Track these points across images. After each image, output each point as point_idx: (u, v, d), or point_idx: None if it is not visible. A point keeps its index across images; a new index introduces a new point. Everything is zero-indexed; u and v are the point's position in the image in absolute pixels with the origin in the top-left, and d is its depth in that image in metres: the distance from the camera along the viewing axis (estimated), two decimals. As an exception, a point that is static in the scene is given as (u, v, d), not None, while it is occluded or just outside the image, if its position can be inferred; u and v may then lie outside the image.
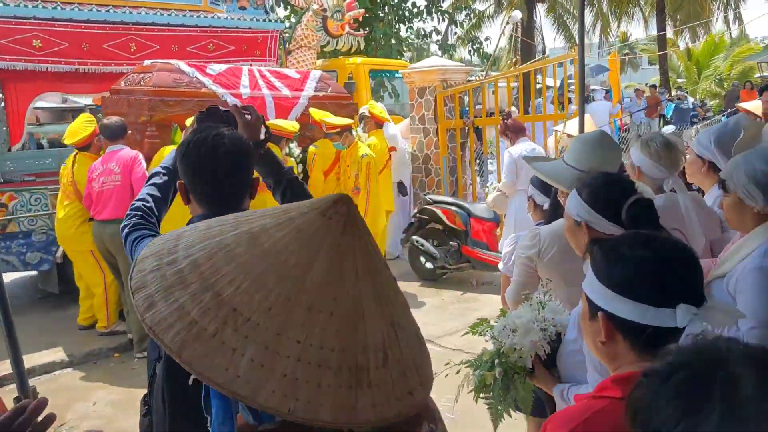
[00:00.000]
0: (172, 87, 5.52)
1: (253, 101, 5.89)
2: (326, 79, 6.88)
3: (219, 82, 5.85)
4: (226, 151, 1.85)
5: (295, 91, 6.36)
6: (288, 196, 2.21)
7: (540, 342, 2.22)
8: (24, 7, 6.33)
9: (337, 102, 6.68)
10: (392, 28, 14.09)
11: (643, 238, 1.36)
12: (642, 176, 3.02)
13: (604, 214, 2.01)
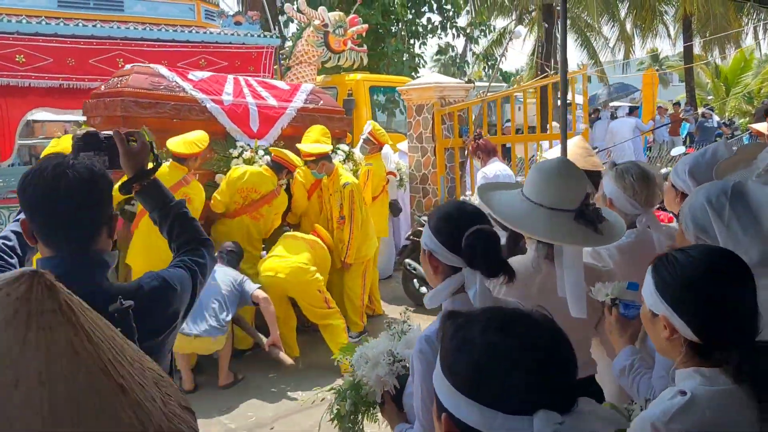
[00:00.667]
0: (148, 89, 5.30)
1: (236, 108, 5.68)
2: (318, 92, 6.59)
3: (199, 88, 5.60)
4: (69, 184, 1.60)
5: (283, 101, 6.08)
6: (175, 233, 1.95)
7: (385, 377, 2.06)
8: (7, 22, 6.24)
9: (328, 115, 6.37)
10: (405, 44, 13.88)
11: (500, 319, 1.02)
12: (613, 208, 2.70)
13: (445, 243, 1.86)
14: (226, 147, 5.62)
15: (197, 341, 4.81)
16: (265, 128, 5.84)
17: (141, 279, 1.74)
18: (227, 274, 5.04)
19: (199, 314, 4.79)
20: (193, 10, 7.71)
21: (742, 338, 1.37)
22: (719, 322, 1.40)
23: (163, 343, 1.73)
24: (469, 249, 1.80)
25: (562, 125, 3.96)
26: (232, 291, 4.97)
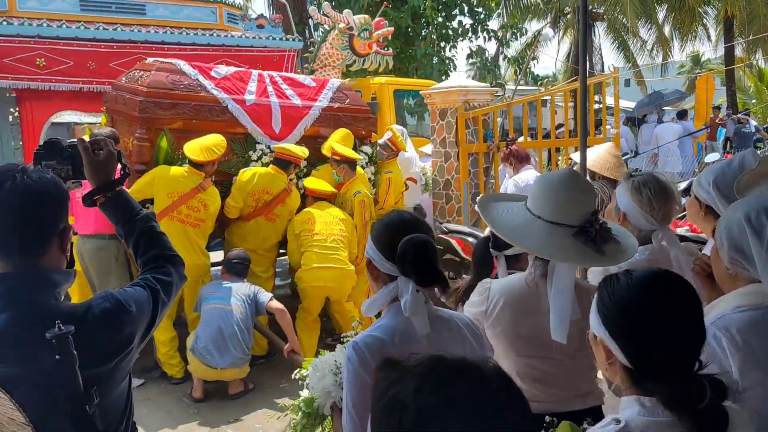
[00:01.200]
0: (168, 89, 5.14)
1: (258, 109, 5.50)
2: (345, 89, 6.35)
3: (222, 87, 5.41)
4: (12, 192, 1.50)
5: (308, 100, 5.86)
6: (141, 247, 1.83)
7: (331, 388, 2.02)
8: (28, 26, 6.26)
9: (353, 115, 6.15)
10: (435, 48, 13.69)
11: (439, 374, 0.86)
12: (626, 223, 2.50)
13: (382, 252, 1.87)
14: (246, 148, 5.49)
15: (224, 372, 4.80)
16: (287, 129, 5.65)
17: (92, 300, 1.61)
18: (238, 292, 4.93)
19: (223, 345, 4.75)
20: (215, 13, 7.66)
21: (674, 368, 1.29)
22: (650, 349, 1.31)
23: (115, 369, 1.59)
24: (402, 257, 1.79)
25: (582, 132, 3.75)
26: (247, 310, 4.89)
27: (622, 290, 1.36)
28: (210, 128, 5.23)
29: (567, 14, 22.00)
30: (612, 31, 22.52)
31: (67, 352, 1.39)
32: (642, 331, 1.32)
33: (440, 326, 1.92)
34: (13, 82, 6.26)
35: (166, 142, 5.06)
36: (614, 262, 2.08)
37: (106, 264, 4.91)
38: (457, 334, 1.95)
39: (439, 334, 1.89)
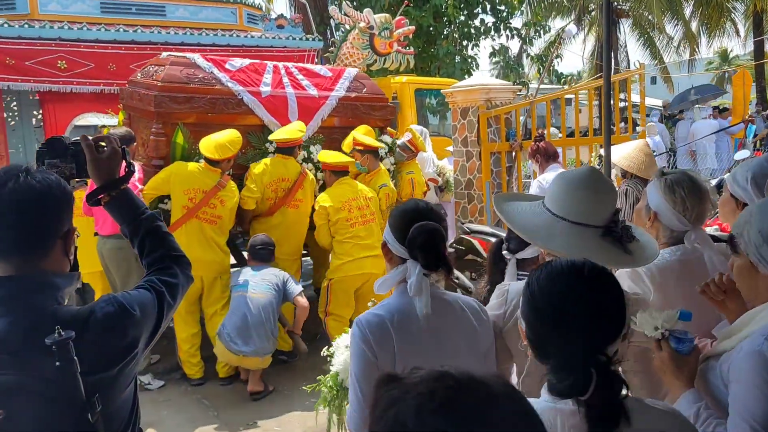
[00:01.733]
0: (183, 83, 5.11)
1: (274, 100, 5.44)
2: (362, 77, 6.27)
3: (237, 79, 5.34)
4: (12, 193, 1.47)
5: (324, 90, 5.79)
6: (147, 248, 1.78)
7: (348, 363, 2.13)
8: (49, 29, 6.29)
9: (371, 104, 6.07)
10: (457, 46, 13.58)
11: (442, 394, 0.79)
12: (657, 223, 2.39)
13: (396, 236, 2.01)
14: (263, 140, 5.44)
15: (246, 359, 4.81)
16: (304, 120, 5.58)
17: (95, 303, 1.56)
18: (266, 278, 4.93)
19: (247, 334, 4.75)
20: (235, 14, 7.65)
21: (560, 353, 1.31)
22: (540, 333, 1.37)
23: (119, 376, 1.54)
24: (411, 241, 1.94)
25: (606, 129, 3.64)
26: (274, 297, 4.89)
27: (534, 277, 1.40)
28: (226, 121, 5.21)
29: (591, 11, 21.72)
30: (637, 28, 22.19)
31: (67, 358, 1.35)
32: (538, 316, 1.36)
33: (442, 309, 2.02)
34: (35, 84, 6.30)
35: (182, 138, 5.03)
36: (644, 262, 2.00)
37: (126, 264, 4.89)
38: (458, 318, 2.05)
39: (440, 316, 2.00)
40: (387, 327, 1.94)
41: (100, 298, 1.59)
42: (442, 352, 1.99)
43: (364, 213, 5.20)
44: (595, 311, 1.31)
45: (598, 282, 1.35)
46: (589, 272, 1.36)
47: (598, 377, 1.22)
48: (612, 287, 1.35)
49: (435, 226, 1.97)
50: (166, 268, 1.75)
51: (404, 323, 1.96)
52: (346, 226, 5.15)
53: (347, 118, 5.88)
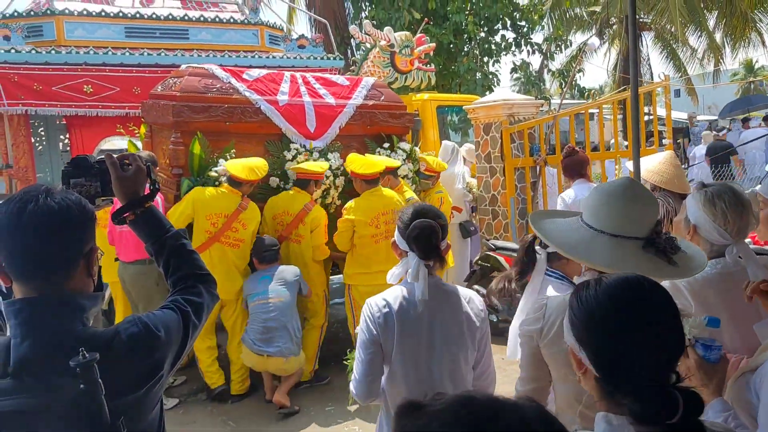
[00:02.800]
0: (201, 92, 5.15)
1: (291, 108, 5.46)
2: (380, 86, 6.28)
3: (254, 88, 5.38)
4: (33, 215, 1.44)
5: (342, 99, 5.80)
6: (172, 266, 1.76)
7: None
8: (75, 54, 6.39)
9: (389, 111, 6.05)
10: (478, 63, 13.56)
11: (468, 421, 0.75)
12: (696, 237, 2.32)
13: (401, 233, 2.40)
14: (281, 148, 5.46)
15: (270, 361, 4.84)
16: (322, 128, 5.60)
17: (120, 324, 1.54)
18: (280, 279, 4.95)
19: (269, 338, 4.83)
20: (256, 35, 7.72)
21: (642, 380, 1.21)
22: (617, 359, 1.25)
23: (144, 398, 1.51)
24: (409, 235, 2.35)
25: (634, 142, 3.56)
26: (293, 294, 4.97)
27: (590, 297, 1.31)
28: (244, 130, 5.26)
29: (612, 25, 21.62)
30: (660, 41, 22.02)
31: (91, 380, 1.32)
32: (608, 340, 1.26)
33: (440, 297, 2.40)
34: (62, 109, 6.38)
35: (199, 147, 5.05)
36: (690, 273, 1.93)
37: (148, 288, 4.91)
38: (454, 306, 2.41)
39: (438, 303, 2.38)
40: (390, 309, 2.37)
41: (125, 319, 1.57)
42: (436, 336, 2.37)
43: (389, 228, 5.13)
44: (664, 327, 1.24)
45: (659, 296, 1.28)
46: (649, 287, 1.30)
47: (682, 397, 1.17)
48: (671, 300, 1.29)
49: (429, 224, 2.34)
50: (191, 287, 1.73)
51: (405, 308, 2.37)
52: (370, 243, 5.11)
53: (365, 126, 5.89)
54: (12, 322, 1.44)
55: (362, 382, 2.38)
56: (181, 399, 5.23)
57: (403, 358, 2.37)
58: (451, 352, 2.38)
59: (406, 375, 2.38)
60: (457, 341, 2.38)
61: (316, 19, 13.97)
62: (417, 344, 2.37)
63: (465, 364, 2.41)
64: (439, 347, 2.37)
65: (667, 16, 18.27)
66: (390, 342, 2.35)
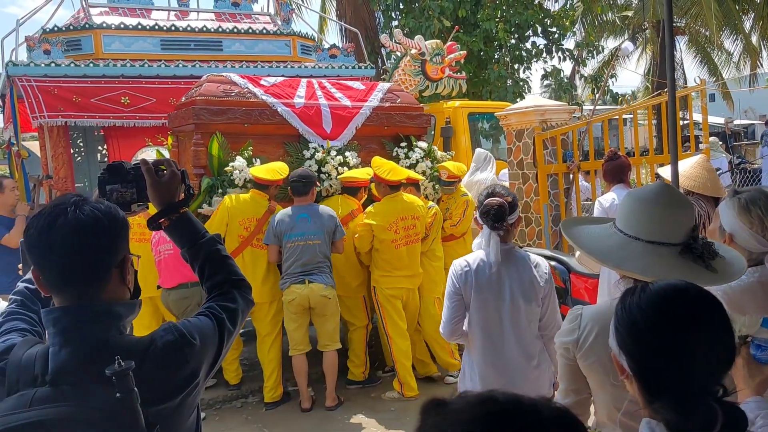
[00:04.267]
0: (219, 96, 5.38)
1: (308, 110, 5.66)
2: (396, 90, 6.45)
3: (271, 93, 5.62)
4: (65, 226, 1.44)
5: (358, 101, 5.98)
6: (207, 272, 1.76)
7: None
8: (113, 67, 6.52)
9: (405, 113, 6.19)
10: (508, 70, 13.49)
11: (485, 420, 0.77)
12: (733, 245, 2.27)
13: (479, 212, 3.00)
14: (299, 149, 5.64)
15: (312, 287, 4.94)
16: (338, 129, 5.78)
17: (156, 332, 1.53)
18: (318, 220, 5.04)
19: (308, 271, 4.96)
20: (289, 45, 7.80)
21: (681, 391, 1.19)
22: (657, 369, 1.23)
23: (181, 406, 1.51)
24: (482, 213, 2.96)
25: (672, 148, 3.51)
26: (326, 239, 5.06)
27: (633, 304, 1.29)
28: (262, 131, 5.48)
29: (645, 29, 21.36)
30: (694, 44, 21.68)
31: (127, 389, 1.31)
32: (649, 348, 1.24)
33: (511, 260, 3.01)
34: (100, 120, 6.51)
35: (217, 148, 5.22)
36: (730, 279, 1.89)
37: (192, 311, 4.99)
38: (522, 268, 3.00)
39: (508, 264, 2.99)
40: (470, 269, 3.02)
41: (161, 327, 1.57)
42: (505, 291, 2.99)
43: (409, 234, 5.22)
44: (713, 337, 1.20)
45: (708, 305, 1.25)
46: (695, 295, 1.26)
47: (723, 412, 1.13)
48: (721, 308, 1.25)
49: (498, 201, 2.94)
50: (225, 293, 1.72)
51: (481, 267, 3.00)
52: (390, 248, 5.19)
53: (382, 127, 6.04)
54: (50, 330, 1.45)
55: (447, 324, 3.08)
56: (217, 406, 5.29)
57: (478, 307, 3.03)
58: (517, 304, 3.00)
59: (480, 320, 3.04)
60: (523, 296, 2.99)
61: (347, 29, 14.05)
62: (490, 297, 3.01)
63: (528, 315, 3.02)
64: (508, 300, 3.00)
65: (701, 19, 17.99)
66: (469, 294, 3.02)
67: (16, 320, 1.66)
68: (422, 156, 6.05)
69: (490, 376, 3.04)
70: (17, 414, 1.32)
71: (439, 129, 8.64)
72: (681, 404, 1.17)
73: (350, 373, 5.49)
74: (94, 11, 7.42)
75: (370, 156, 5.73)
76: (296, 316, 5.03)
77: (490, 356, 3.05)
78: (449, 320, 3.07)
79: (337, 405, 5.12)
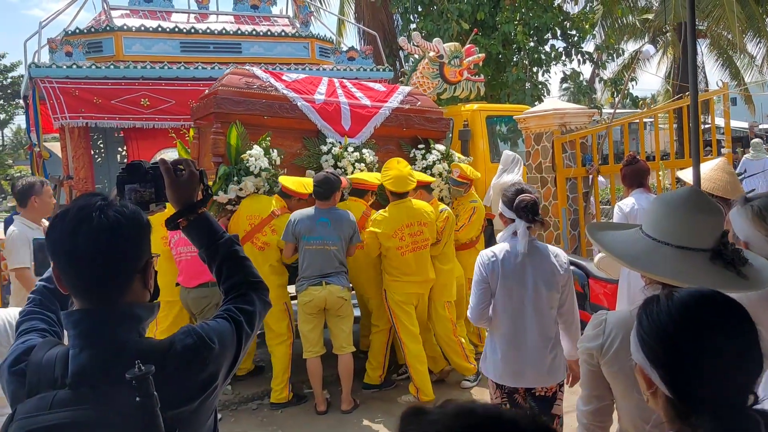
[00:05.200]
0: (241, 88, 5.45)
1: (327, 107, 5.74)
2: (416, 93, 6.50)
3: (292, 88, 5.70)
4: (90, 231, 1.43)
5: (378, 102, 6.05)
6: (224, 273, 1.74)
7: None
8: (133, 69, 6.56)
9: (425, 116, 6.25)
10: (527, 73, 13.42)
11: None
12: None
13: (507, 206, 3.30)
14: (317, 144, 5.70)
15: (329, 288, 4.97)
16: (357, 127, 5.84)
17: (175, 335, 1.53)
18: (337, 226, 5.03)
19: (326, 274, 4.99)
20: (307, 48, 7.81)
21: (719, 401, 1.14)
22: (693, 379, 1.18)
23: (199, 410, 1.50)
24: (516, 207, 3.22)
25: (694, 151, 3.46)
26: (343, 243, 5.06)
27: (662, 313, 1.24)
28: (281, 124, 5.53)
29: (666, 32, 21.16)
30: (716, 48, 21.42)
31: (147, 393, 1.31)
32: (683, 358, 1.19)
33: (533, 251, 3.27)
34: (120, 121, 6.55)
35: (236, 137, 5.25)
36: (762, 286, 1.83)
37: (210, 311, 5.03)
38: (543, 258, 3.28)
39: (531, 255, 3.25)
40: (496, 258, 3.28)
41: (180, 330, 1.56)
42: (528, 279, 3.24)
43: (416, 240, 5.17)
44: (745, 346, 1.18)
45: (737, 312, 1.22)
46: (723, 302, 1.23)
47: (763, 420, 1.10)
48: (748, 315, 1.22)
49: (532, 197, 3.23)
50: (243, 295, 1.71)
51: (507, 257, 3.27)
52: (396, 255, 5.17)
53: (401, 129, 6.10)
54: (71, 332, 1.45)
55: (475, 309, 3.33)
56: (232, 407, 5.30)
57: (503, 294, 3.28)
58: (539, 292, 3.25)
59: (505, 306, 3.29)
60: (544, 284, 3.25)
61: (365, 31, 14.07)
62: (514, 285, 3.26)
63: (548, 301, 3.28)
64: (530, 288, 3.25)
65: (723, 22, 17.78)
66: (495, 282, 3.27)
67: (35, 320, 1.67)
68: (439, 158, 6.04)
69: (511, 357, 3.28)
70: (38, 416, 1.32)
71: (457, 132, 8.61)
72: (722, 416, 1.13)
73: (367, 376, 5.47)
74: (116, 14, 7.48)
75: (388, 156, 5.74)
76: (311, 317, 5.02)
77: (512, 339, 3.28)
78: (476, 306, 3.32)
79: (353, 408, 5.11)
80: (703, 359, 1.17)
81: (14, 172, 36.36)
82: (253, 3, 8.27)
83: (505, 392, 3.32)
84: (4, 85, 44.40)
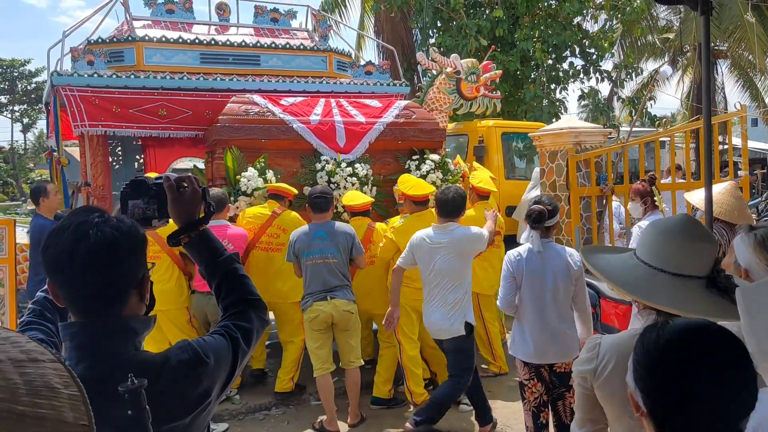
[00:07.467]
0: (240, 115, 5.98)
1: (322, 127, 6.12)
2: (412, 106, 6.80)
3: (289, 111, 6.16)
4: (88, 247, 1.44)
5: (372, 117, 6.40)
6: (223, 291, 1.76)
7: None
8: (153, 79, 6.64)
9: (420, 128, 6.54)
10: (545, 90, 13.40)
11: None
12: (749, 281, 2.23)
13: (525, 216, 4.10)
14: (313, 161, 6.09)
15: (335, 303, 5.00)
16: (351, 143, 6.19)
17: (170, 350, 1.54)
18: (335, 238, 5.06)
19: (330, 292, 5.01)
20: (325, 61, 7.87)
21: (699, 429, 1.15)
22: (676, 411, 1.18)
23: (192, 425, 1.51)
24: (527, 216, 3.98)
25: (706, 174, 3.45)
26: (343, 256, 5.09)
27: (651, 343, 1.25)
28: (278, 146, 6.02)
29: (686, 52, 21.07)
30: (737, 69, 21.29)
31: (139, 407, 1.31)
32: (667, 390, 1.20)
33: (550, 250, 4.03)
34: (138, 130, 6.63)
35: (231, 160, 5.72)
36: None
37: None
38: (559, 256, 4.03)
39: (549, 253, 4.01)
40: (521, 257, 4.05)
41: (175, 344, 1.58)
42: (547, 273, 3.98)
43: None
44: (736, 381, 1.17)
45: (730, 344, 1.21)
46: (716, 335, 1.23)
47: None
48: (743, 348, 1.22)
49: (539, 208, 3.96)
50: (241, 312, 1.72)
51: (530, 256, 4.02)
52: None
53: (396, 141, 6.41)
54: (67, 344, 1.46)
55: (504, 298, 4.10)
56: (239, 417, 5.31)
57: (528, 286, 4.01)
58: (557, 284, 3.99)
59: (529, 296, 4.02)
60: (561, 278, 3.99)
61: (383, 46, 14.15)
62: (536, 278, 3.99)
63: (565, 292, 4.02)
64: (550, 280, 3.98)
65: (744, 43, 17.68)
66: (520, 276, 4.04)
67: (34, 330, 1.68)
68: (433, 168, 6.25)
69: (537, 336, 4.00)
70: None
71: (472, 148, 8.62)
72: None
73: (376, 388, 5.46)
74: (138, 24, 7.59)
75: (385, 168, 6.24)
76: (318, 334, 5.02)
77: (537, 322, 4.00)
78: (505, 296, 4.08)
79: (359, 422, 5.10)
80: (682, 391, 1.17)
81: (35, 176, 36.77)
82: (273, 16, 8.35)
83: (533, 369, 4.03)
84: (28, 90, 45.10)
